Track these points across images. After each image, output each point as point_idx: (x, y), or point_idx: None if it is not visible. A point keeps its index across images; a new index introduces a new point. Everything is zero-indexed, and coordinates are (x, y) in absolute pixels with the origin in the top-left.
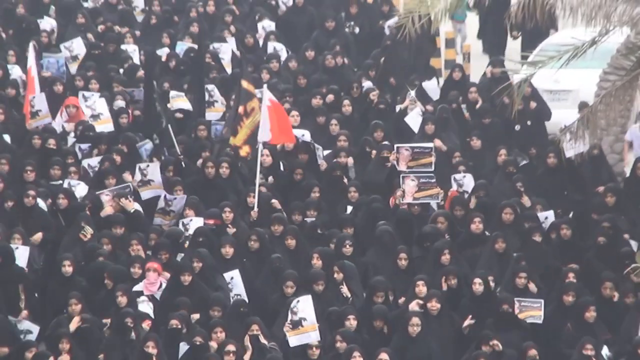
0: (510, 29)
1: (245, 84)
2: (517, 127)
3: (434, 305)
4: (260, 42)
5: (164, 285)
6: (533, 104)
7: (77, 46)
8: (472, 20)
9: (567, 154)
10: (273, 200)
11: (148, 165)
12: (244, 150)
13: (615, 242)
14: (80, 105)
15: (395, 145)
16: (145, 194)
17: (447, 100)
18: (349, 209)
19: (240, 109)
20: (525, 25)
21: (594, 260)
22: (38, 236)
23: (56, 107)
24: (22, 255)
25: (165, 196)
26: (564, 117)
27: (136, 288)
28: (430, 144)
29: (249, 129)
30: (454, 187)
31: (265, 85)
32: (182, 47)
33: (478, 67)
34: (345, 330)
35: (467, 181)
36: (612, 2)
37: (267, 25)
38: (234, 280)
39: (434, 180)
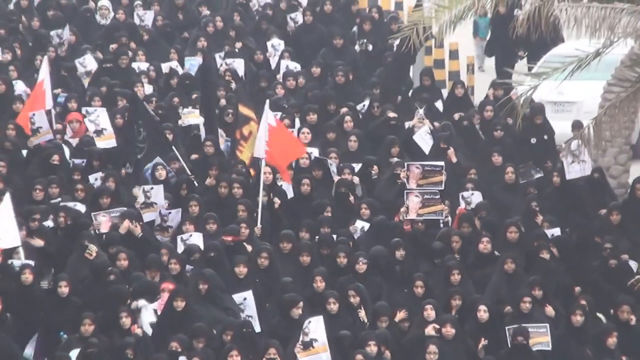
0: (516, 47)
1: (241, 108)
2: (533, 140)
3: (449, 330)
4: (271, 60)
5: None
6: (539, 119)
7: (90, 62)
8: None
9: (568, 176)
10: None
11: (152, 188)
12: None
13: (618, 264)
14: (86, 122)
15: (406, 163)
16: (148, 216)
17: (461, 118)
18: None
19: (237, 134)
20: (530, 37)
21: (602, 282)
22: (39, 241)
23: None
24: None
25: (160, 212)
26: (569, 128)
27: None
28: (441, 162)
29: (250, 152)
30: (462, 204)
31: (267, 104)
32: (191, 62)
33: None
34: (366, 353)
35: (475, 199)
36: (616, 14)
37: (276, 43)
38: (247, 301)
39: (438, 197)
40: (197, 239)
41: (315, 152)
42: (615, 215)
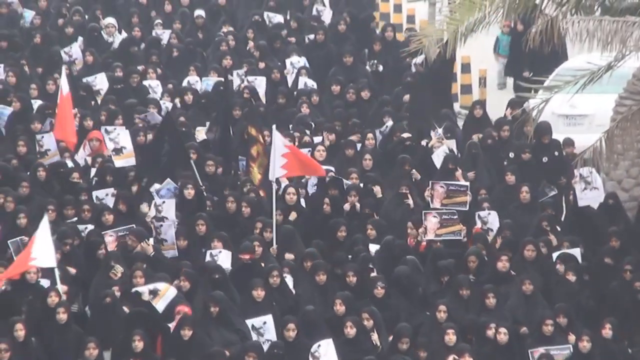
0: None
1: (250, 128)
2: (545, 159)
3: None
4: (288, 77)
5: None
6: (546, 139)
7: (100, 81)
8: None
9: (580, 203)
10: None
11: (164, 202)
12: (262, 191)
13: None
14: (104, 139)
15: (430, 182)
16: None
17: (485, 136)
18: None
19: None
20: (538, 54)
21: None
22: (72, 270)
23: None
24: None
25: (153, 224)
26: (581, 141)
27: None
28: (466, 182)
29: (259, 172)
30: (478, 224)
31: (274, 127)
32: (207, 82)
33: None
34: None
35: (492, 219)
36: (627, 27)
37: (295, 61)
38: (267, 325)
39: (456, 217)
40: (225, 256)
41: (330, 169)
42: (615, 241)
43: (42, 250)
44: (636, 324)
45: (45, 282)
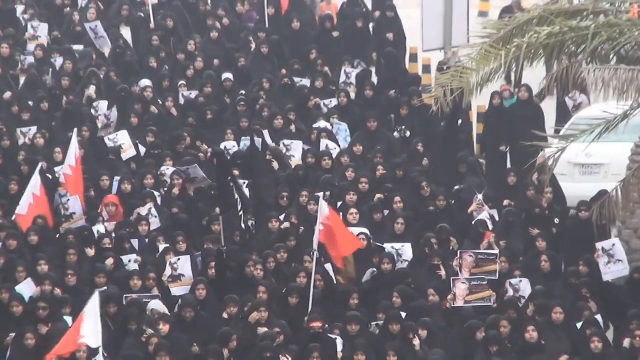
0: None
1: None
2: (557, 220)
3: None
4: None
5: None
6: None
7: (123, 137)
8: None
9: (605, 278)
10: None
11: (179, 259)
12: None
13: None
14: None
15: (459, 251)
16: (176, 290)
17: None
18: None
19: None
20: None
21: None
22: None
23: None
24: None
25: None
26: (596, 191)
27: None
28: (496, 251)
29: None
30: (510, 292)
31: (321, 197)
32: (245, 142)
33: None
34: None
35: (524, 286)
36: None
37: (322, 124)
38: None
39: (485, 283)
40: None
41: (365, 231)
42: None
43: (90, 328)
44: None
45: None
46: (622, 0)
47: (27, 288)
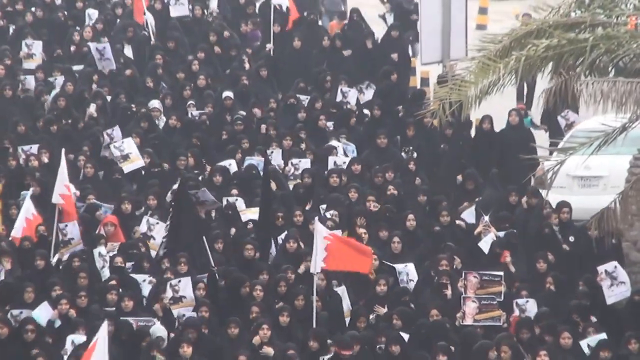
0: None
1: None
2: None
3: None
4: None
5: None
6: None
7: (128, 146)
8: None
9: (609, 301)
10: None
11: (180, 281)
12: None
13: None
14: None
15: (464, 272)
16: (177, 312)
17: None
18: None
19: None
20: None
21: None
22: None
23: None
24: None
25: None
26: (595, 203)
27: None
28: (500, 272)
29: None
30: (516, 312)
31: (316, 219)
32: (250, 161)
33: None
34: None
35: (530, 306)
36: None
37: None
38: None
39: (495, 302)
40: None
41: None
42: (634, 344)
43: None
44: None
45: None
46: (620, 13)
47: (44, 313)
